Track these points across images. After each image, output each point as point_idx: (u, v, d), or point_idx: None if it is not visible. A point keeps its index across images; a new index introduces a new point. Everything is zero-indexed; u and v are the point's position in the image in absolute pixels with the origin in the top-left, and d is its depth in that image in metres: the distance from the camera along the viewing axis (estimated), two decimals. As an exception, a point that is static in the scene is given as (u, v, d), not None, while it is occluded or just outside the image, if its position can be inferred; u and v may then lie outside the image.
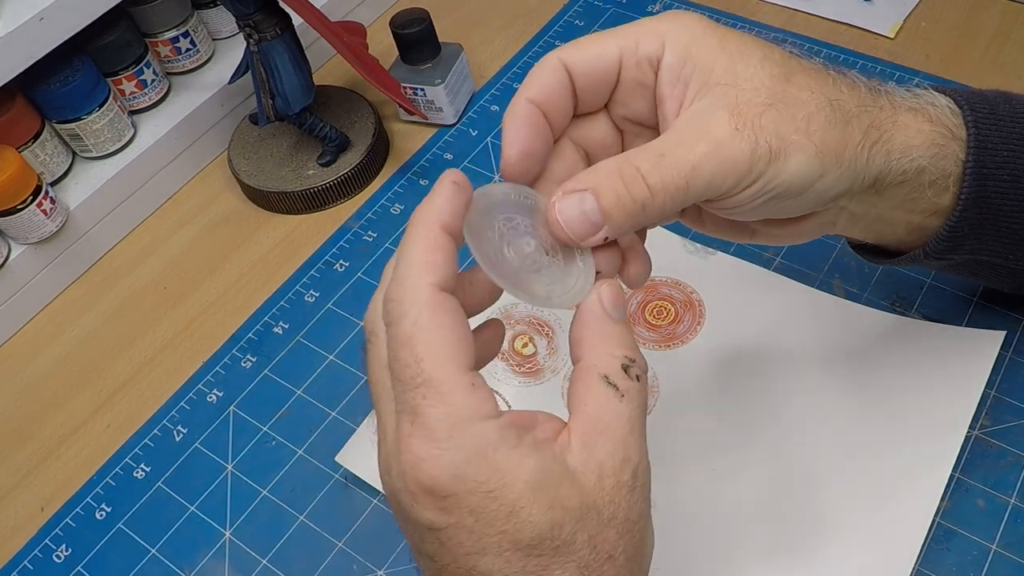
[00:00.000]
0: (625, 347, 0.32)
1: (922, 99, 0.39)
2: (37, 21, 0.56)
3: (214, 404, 0.57)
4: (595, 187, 0.33)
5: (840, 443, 0.47)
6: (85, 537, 0.52)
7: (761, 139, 0.34)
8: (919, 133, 0.38)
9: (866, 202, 0.39)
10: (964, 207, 0.39)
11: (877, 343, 0.51)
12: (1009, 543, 0.44)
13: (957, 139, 0.39)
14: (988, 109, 0.39)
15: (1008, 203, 0.40)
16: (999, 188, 0.39)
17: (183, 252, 0.67)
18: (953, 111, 0.39)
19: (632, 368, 0.31)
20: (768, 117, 0.34)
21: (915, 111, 0.38)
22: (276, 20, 0.60)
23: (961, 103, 0.39)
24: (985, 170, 0.39)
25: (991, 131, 0.39)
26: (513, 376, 0.53)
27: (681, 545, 0.45)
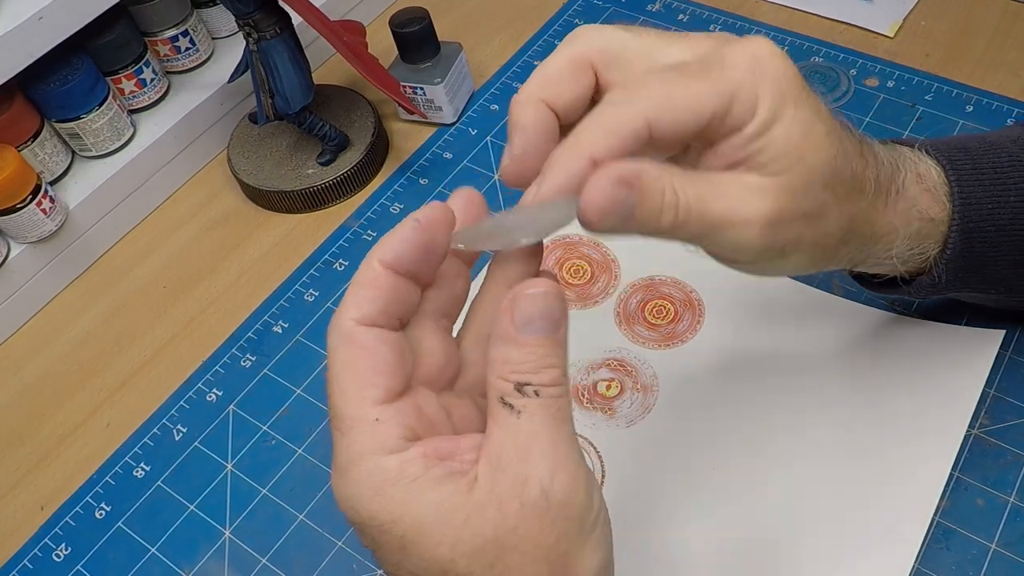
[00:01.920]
0: (521, 368, 0.29)
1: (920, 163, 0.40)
2: (36, 20, 0.56)
3: (214, 403, 0.57)
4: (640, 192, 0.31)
5: (839, 442, 0.47)
6: (85, 536, 0.52)
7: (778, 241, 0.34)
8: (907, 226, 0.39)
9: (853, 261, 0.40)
10: (948, 260, 0.41)
11: (876, 342, 0.51)
12: (1008, 542, 0.44)
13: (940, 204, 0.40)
14: (971, 164, 0.40)
15: (992, 251, 0.41)
16: (983, 239, 0.40)
17: (182, 251, 0.67)
18: (939, 173, 0.40)
19: (528, 387, 0.29)
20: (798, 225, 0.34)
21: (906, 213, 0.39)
22: (275, 19, 0.60)
23: (943, 161, 0.41)
24: (970, 225, 0.40)
25: (973, 187, 0.40)
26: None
27: (681, 544, 0.45)
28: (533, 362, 0.29)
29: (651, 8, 0.75)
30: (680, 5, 0.75)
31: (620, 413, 0.51)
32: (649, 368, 0.52)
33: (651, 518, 0.47)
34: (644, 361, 0.53)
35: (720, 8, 0.74)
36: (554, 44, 0.75)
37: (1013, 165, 0.41)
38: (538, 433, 0.29)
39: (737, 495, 0.47)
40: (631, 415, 0.51)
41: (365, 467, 0.29)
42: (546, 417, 0.29)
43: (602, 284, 0.57)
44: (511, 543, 0.28)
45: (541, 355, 0.30)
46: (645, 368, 0.52)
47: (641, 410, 0.51)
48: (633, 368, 0.53)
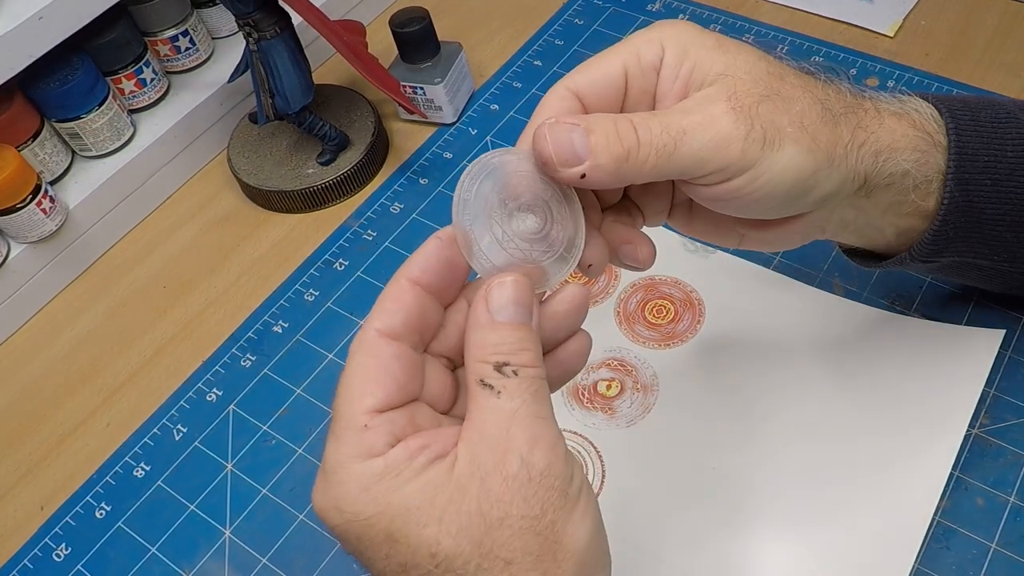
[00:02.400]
0: (498, 350, 0.31)
1: (906, 105, 0.40)
2: (36, 20, 0.56)
3: (214, 403, 0.57)
4: (588, 124, 0.33)
5: (839, 441, 0.47)
6: (85, 536, 0.52)
7: (756, 125, 0.34)
8: (904, 137, 0.38)
9: (855, 206, 0.39)
10: (947, 212, 0.40)
11: (876, 342, 0.51)
12: (1008, 541, 0.44)
13: (938, 146, 0.39)
14: (969, 116, 0.40)
15: (991, 207, 0.40)
16: (981, 193, 0.40)
17: (182, 251, 0.67)
18: (935, 118, 0.40)
19: (507, 367, 0.30)
20: (765, 107, 0.34)
21: (899, 116, 0.39)
22: (275, 19, 0.60)
23: (942, 110, 0.40)
24: (966, 175, 0.39)
25: (971, 138, 0.39)
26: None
27: (680, 543, 0.45)
28: (510, 344, 0.31)
29: (651, 8, 0.75)
30: (680, 5, 0.75)
31: (620, 413, 0.51)
32: (649, 368, 0.52)
33: (650, 517, 0.47)
34: (644, 361, 0.53)
35: (720, 8, 0.74)
36: (554, 44, 0.75)
37: (1010, 121, 0.40)
38: (518, 410, 0.30)
39: (737, 494, 0.47)
40: (631, 415, 0.51)
41: (352, 469, 0.30)
42: (525, 396, 0.30)
43: (602, 284, 0.57)
44: (497, 517, 0.29)
45: (517, 338, 0.31)
46: (645, 368, 0.53)
47: (641, 410, 0.51)
48: (633, 368, 0.53)
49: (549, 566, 0.29)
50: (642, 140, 0.33)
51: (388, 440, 0.30)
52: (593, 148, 0.33)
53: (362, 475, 0.30)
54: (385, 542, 0.29)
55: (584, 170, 0.33)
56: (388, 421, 0.31)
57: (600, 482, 0.48)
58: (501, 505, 0.29)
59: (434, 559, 0.29)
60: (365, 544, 0.30)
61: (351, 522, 0.30)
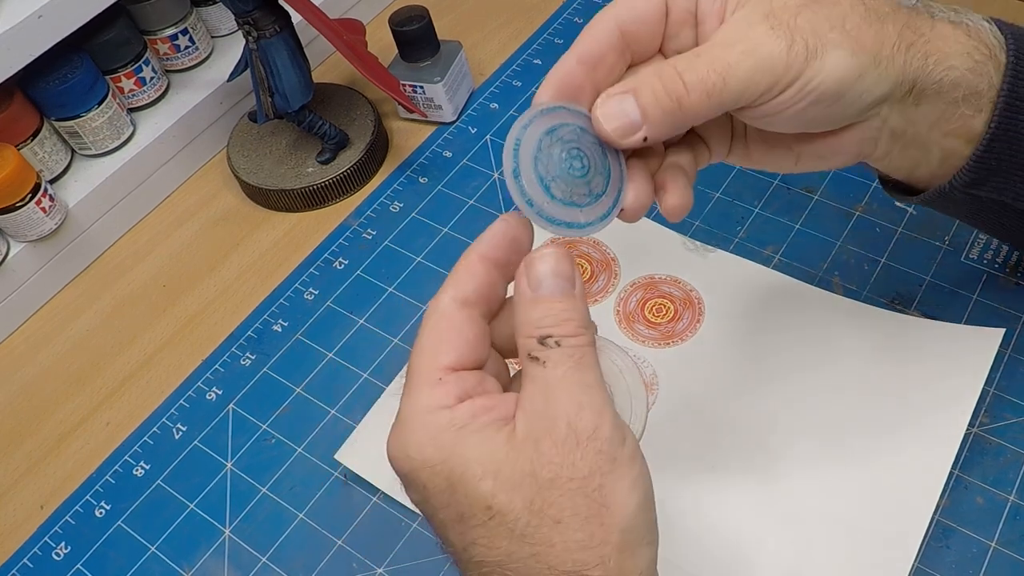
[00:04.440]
0: (541, 323, 0.32)
1: (963, 16, 0.38)
2: (36, 19, 0.56)
3: (213, 402, 0.57)
4: (635, 88, 0.34)
5: (839, 441, 0.47)
6: (84, 535, 0.52)
7: (797, 37, 0.34)
8: (957, 44, 0.37)
9: (904, 115, 0.38)
10: (994, 135, 0.38)
11: (876, 341, 0.51)
12: (1008, 540, 0.44)
13: (994, 60, 0.38)
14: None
15: None
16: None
17: (182, 250, 0.67)
18: (995, 34, 0.38)
19: (550, 339, 0.32)
20: (804, 17, 0.34)
21: (954, 24, 0.38)
22: (275, 18, 0.60)
23: (1004, 30, 0.39)
24: (1018, 102, 0.38)
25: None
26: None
27: (679, 542, 0.45)
28: (553, 316, 0.32)
29: (651, 7, 0.75)
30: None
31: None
32: (649, 367, 0.52)
33: (651, 517, 0.47)
34: (644, 360, 0.53)
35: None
36: (554, 43, 0.75)
37: None
38: (562, 378, 0.31)
39: (736, 494, 0.47)
40: (631, 414, 0.51)
41: (421, 419, 0.32)
42: (569, 364, 0.31)
43: (602, 283, 0.57)
44: (547, 477, 0.30)
45: (559, 310, 0.32)
46: (644, 367, 0.52)
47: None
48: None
49: (596, 529, 0.30)
50: (689, 86, 0.34)
51: (458, 395, 0.32)
52: (644, 109, 0.34)
53: (431, 424, 0.31)
54: (447, 490, 0.31)
55: (644, 134, 0.35)
56: (460, 379, 0.32)
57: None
58: (552, 467, 0.30)
59: (489, 511, 0.30)
60: (430, 491, 0.31)
61: (418, 469, 0.31)
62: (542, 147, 0.34)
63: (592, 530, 0.30)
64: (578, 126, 0.35)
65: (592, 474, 0.30)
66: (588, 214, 0.35)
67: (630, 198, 0.37)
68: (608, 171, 0.36)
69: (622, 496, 0.31)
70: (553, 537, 0.30)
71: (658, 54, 0.39)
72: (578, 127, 0.35)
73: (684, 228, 0.59)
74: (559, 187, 0.34)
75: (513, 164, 0.34)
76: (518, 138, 0.34)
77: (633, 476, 0.31)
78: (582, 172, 0.35)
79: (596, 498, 0.30)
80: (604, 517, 0.30)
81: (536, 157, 0.34)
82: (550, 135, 0.34)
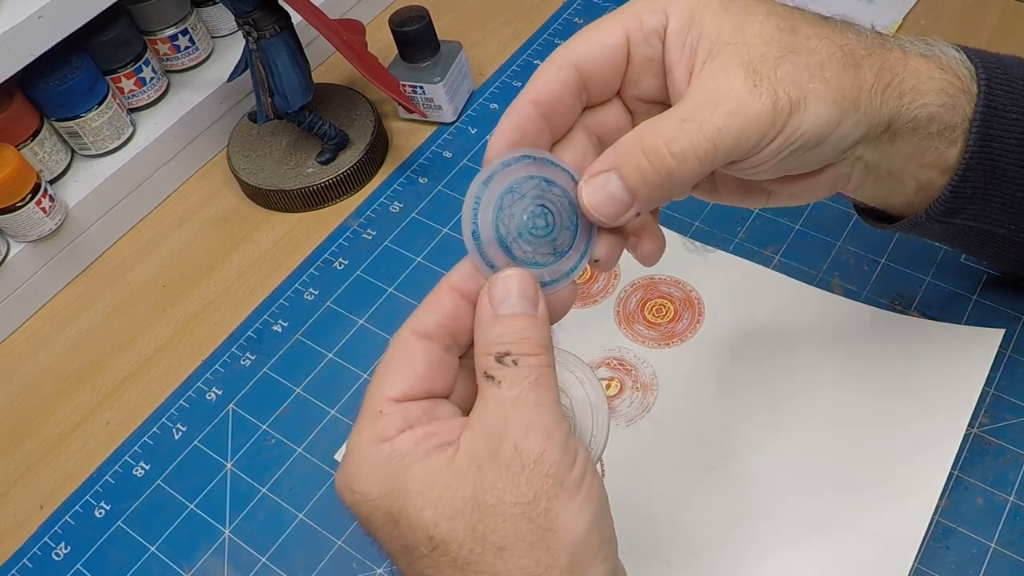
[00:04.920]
0: (500, 340, 0.31)
1: (934, 48, 0.38)
2: (36, 19, 0.56)
3: (213, 402, 0.57)
4: (617, 165, 0.33)
5: (839, 441, 0.47)
6: (84, 535, 0.52)
7: (780, 92, 0.33)
8: (930, 79, 0.37)
9: (879, 151, 0.38)
10: (967, 165, 0.38)
11: (876, 341, 0.51)
12: (1008, 541, 0.44)
13: (967, 92, 0.38)
14: (1001, 71, 0.39)
15: (1013, 167, 0.39)
16: (1004, 150, 0.38)
17: (182, 250, 0.67)
18: (966, 64, 0.38)
19: (507, 356, 0.31)
20: (783, 69, 0.34)
21: (926, 58, 0.38)
22: (275, 18, 0.60)
23: (974, 60, 0.39)
24: (991, 131, 0.38)
25: (1001, 91, 0.38)
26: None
27: (680, 542, 0.45)
28: (512, 333, 0.31)
29: (651, 7, 0.75)
30: (680, 4, 0.75)
31: (619, 412, 0.51)
32: (648, 367, 0.52)
33: (650, 517, 0.47)
34: (644, 360, 0.53)
35: (720, 7, 0.74)
36: (554, 43, 0.75)
37: None
38: (517, 398, 0.30)
39: (736, 494, 0.47)
40: (630, 414, 0.51)
41: (363, 452, 0.31)
42: (525, 384, 0.31)
43: (602, 283, 0.57)
44: (490, 503, 0.29)
45: (519, 327, 0.31)
46: (645, 367, 0.52)
47: (640, 409, 0.51)
48: (633, 367, 0.53)
49: (542, 554, 0.29)
50: (679, 156, 0.33)
51: (400, 427, 0.31)
52: (632, 188, 0.33)
53: (372, 458, 0.31)
54: (389, 523, 0.30)
55: (635, 212, 0.34)
56: (403, 410, 0.32)
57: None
58: (495, 492, 0.29)
59: (431, 542, 0.29)
60: (374, 524, 0.31)
61: (360, 502, 0.31)
62: (503, 205, 0.32)
63: (538, 555, 0.29)
64: (543, 178, 0.33)
65: (538, 498, 0.29)
66: (552, 272, 0.34)
67: (603, 251, 0.36)
68: (575, 225, 0.34)
69: (569, 518, 0.30)
70: (497, 565, 0.29)
71: (616, 97, 0.38)
72: (543, 179, 0.33)
73: (684, 228, 0.59)
74: (521, 248, 0.33)
75: (472, 225, 0.32)
76: (478, 196, 0.32)
77: (581, 497, 0.30)
78: (546, 231, 0.33)
79: (541, 523, 0.29)
80: (551, 541, 0.29)
81: (497, 217, 0.32)
82: (512, 192, 0.33)
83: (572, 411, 0.36)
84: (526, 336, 0.31)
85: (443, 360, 0.33)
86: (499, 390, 0.31)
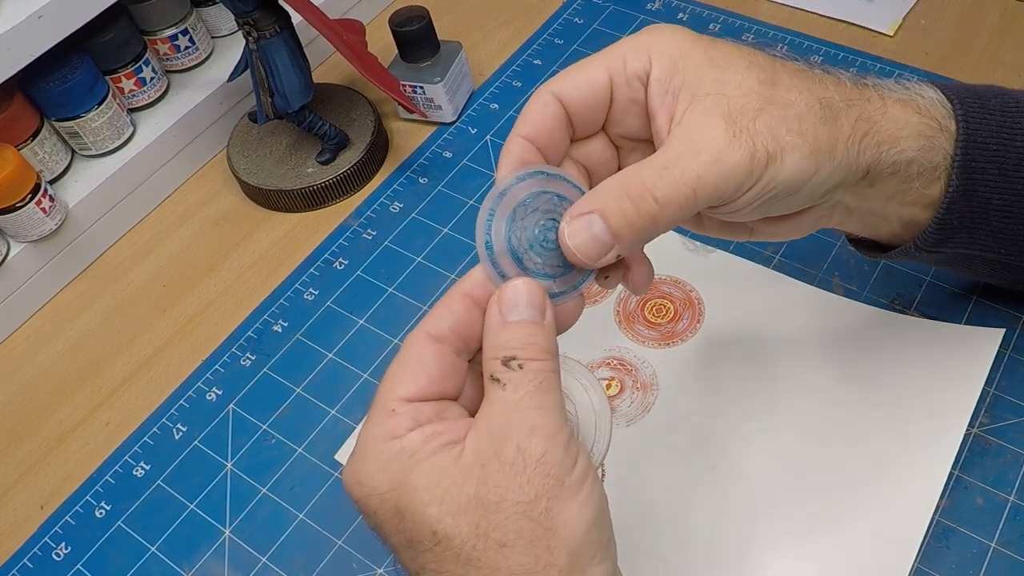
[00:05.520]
0: (507, 345, 0.32)
1: (911, 91, 0.39)
2: (36, 19, 0.56)
3: (213, 402, 0.57)
4: (601, 208, 0.34)
5: (839, 441, 0.47)
6: (84, 535, 0.52)
7: (758, 143, 0.34)
8: (908, 124, 0.38)
9: (859, 195, 0.39)
10: (951, 200, 0.39)
11: (876, 341, 0.51)
12: (1008, 540, 0.44)
13: (945, 131, 0.39)
14: (978, 104, 0.39)
15: (997, 196, 0.40)
16: (987, 182, 0.39)
17: (182, 250, 0.67)
18: (943, 103, 0.39)
19: (513, 361, 0.32)
20: (762, 121, 0.35)
21: (904, 103, 0.39)
22: (275, 18, 0.60)
23: (951, 97, 0.40)
24: (973, 164, 0.39)
25: (979, 125, 0.39)
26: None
27: (680, 542, 0.45)
28: (519, 339, 0.33)
29: (651, 7, 0.75)
30: (679, 4, 0.75)
31: (620, 412, 0.51)
32: (649, 367, 0.52)
33: (650, 516, 0.47)
34: (644, 360, 0.53)
35: (719, 7, 0.74)
36: (554, 43, 0.75)
37: (1020, 111, 0.40)
38: (521, 401, 0.31)
39: (736, 494, 0.47)
40: (631, 414, 0.51)
41: (373, 448, 0.32)
42: (530, 387, 0.32)
43: (602, 283, 0.57)
44: (493, 500, 0.30)
45: (526, 333, 0.33)
46: (645, 367, 0.53)
47: (641, 409, 0.51)
48: (633, 367, 0.53)
49: (542, 552, 0.30)
50: (662, 201, 0.34)
51: (410, 426, 0.32)
52: (615, 231, 0.34)
53: (382, 454, 0.32)
54: (395, 517, 0.31)
55: (616, 253, 0.35)
56: (414, 410, 0.32)
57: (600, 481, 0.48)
58: (498, 490, 0.30)
59: (434, 537, 0.30)
60: (381, 518, 0.32)
61: (369, 496, 0.32)
62: (516, 218, 0.34)
63: (538, 553, 0.30)
64: (555, 193, 0.35)
65: (539, 497, 0.30)
66: (562, 284, 0.35)
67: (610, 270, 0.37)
68: None
69: (570, 518, 0.31)
70: (499, 561, 0.30)
71: (602, 132, 0.39)
72: (555, 195, 0.35)
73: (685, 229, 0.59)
74: (532, 259, 0.34)
75: (486, 237, 0.33)
76: (492, 209, 0.34)
77: (582, 498, 0.31)
78: (556, 244, 0.35)
79: (542, 521, 0.30)
80: (551, 540, 0.30)
81: (510, 229, 0.34)
82: (524, 206, 0.34)
83: (576, 416, 0.37)
84: (532, 342, 0.33)
85: (454, 363, 0.34)
86: (504, 392, 0.32)
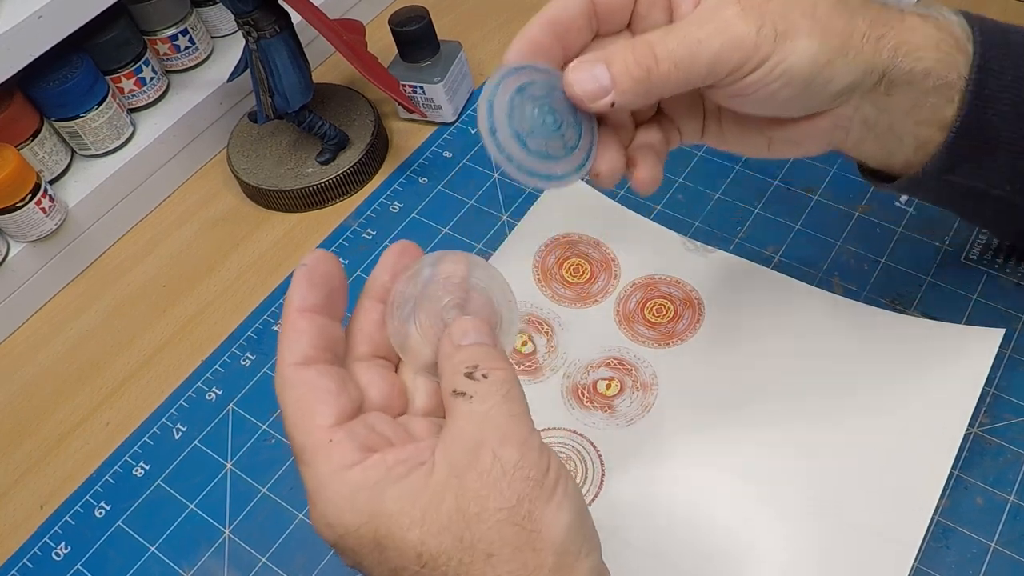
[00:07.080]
0: (467, 360, 0.33)
1: (933, 10, 0.39)
2: (36, 19, 0.56)
3: (213, 402, 0.57)
4: (607, 57, 0.36)
5: (839, 441, 0.47)
6: (84, 535, 0.52)
7: (767, 21, 0.35)
8: (926, 36, 0.38)
9: (876, 105, 0.39)
10: (963, 123, 0.39)
11: (876, 341, 0.51)
12: (1008, 540, 0.44)
13: (963, 52, 0.39)
14: (1000, 34, 0.39)
15: (1007, 129, 0.39)
16: (1000, 111, 0.39)
17: (182, 250, 0.67)
18: (963, 26, 0.39)
19: (477, 370, 0.32)
20: (775, 3, 0.36)
21: (923, 17, 0.39)
22: (275, 18, 0.60)
23: (973, 21, 0.39)
24: (986, 90, 0.38)
25: (997, 54, 0.39)
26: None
27: (679, 542, 0.45)
28: (477, 354, 0.33)
29: None
30: None
31: (620, 412, 0.51)
32: (649, 367, 0.52)
33: (649, 516, 0.47)
34: (644, 360, 0.53)
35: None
36: (554, 43, 0.75)
37: None
38: (491, 411, 0.31)
39: (736, 493, 0.47)
40: (631, 414, 0.51)
41: (333, 485, 0.31)
42: (497, 397, 0.31)
43: (602, 283, 0.57)
44: (474, 512, 0.30)
45: (484, 352, 0.33)
46: (645, 367, 0.52)
47: (641, 409, 0.51)
48: (633, 367, 0.53)
49: (528, 556, 0.30)
50: (659, 57, 0.35)
51: (357, 447, 0.31)
52: (615, 77, 0.36)
53: (343, 488, 0.31)
54: (375, 549, 0.30)
55: (611, 99, 0.36)
56: (348, 431, 0.32)
57: (599, 481, 0.48)
58: (478, 500, 0.30)
59: (420, 559, 0.30)
60: (360, 555, 0.31)
61: (343, 536, 0.31)
62: (515, 104, 0.35)
63: (525, 558, 0.30)
64: (548, 83, 0.36)
65: (520, 501, 0.30)
66: (564, 166, 0.36)
67: (603, 164, 0.38)
68: (580, 126, 0.37)
69: (551, 518, 0.30)
70: (487, 572, 0.29)
71: (626, 30, 0.40)
72: (548, 84, 0.36)
73: (684, 228, 0.59)
74: (535, 141, 0.35)
75: (489, 122, 0.34)
76: (491, 97, 0.35)
77: (560, 496, 0.31)
78: (555, 126, 0.36)
79: (526, 524, 0.30)
80: (536, 542, 0.30)
81: (510, 114, 0.35)
82: (521, 93, 0.36)
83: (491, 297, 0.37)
84: (490, 355, 0.33)
85: (339, 374, 0.33)
86: (472, 405, 0.31)
